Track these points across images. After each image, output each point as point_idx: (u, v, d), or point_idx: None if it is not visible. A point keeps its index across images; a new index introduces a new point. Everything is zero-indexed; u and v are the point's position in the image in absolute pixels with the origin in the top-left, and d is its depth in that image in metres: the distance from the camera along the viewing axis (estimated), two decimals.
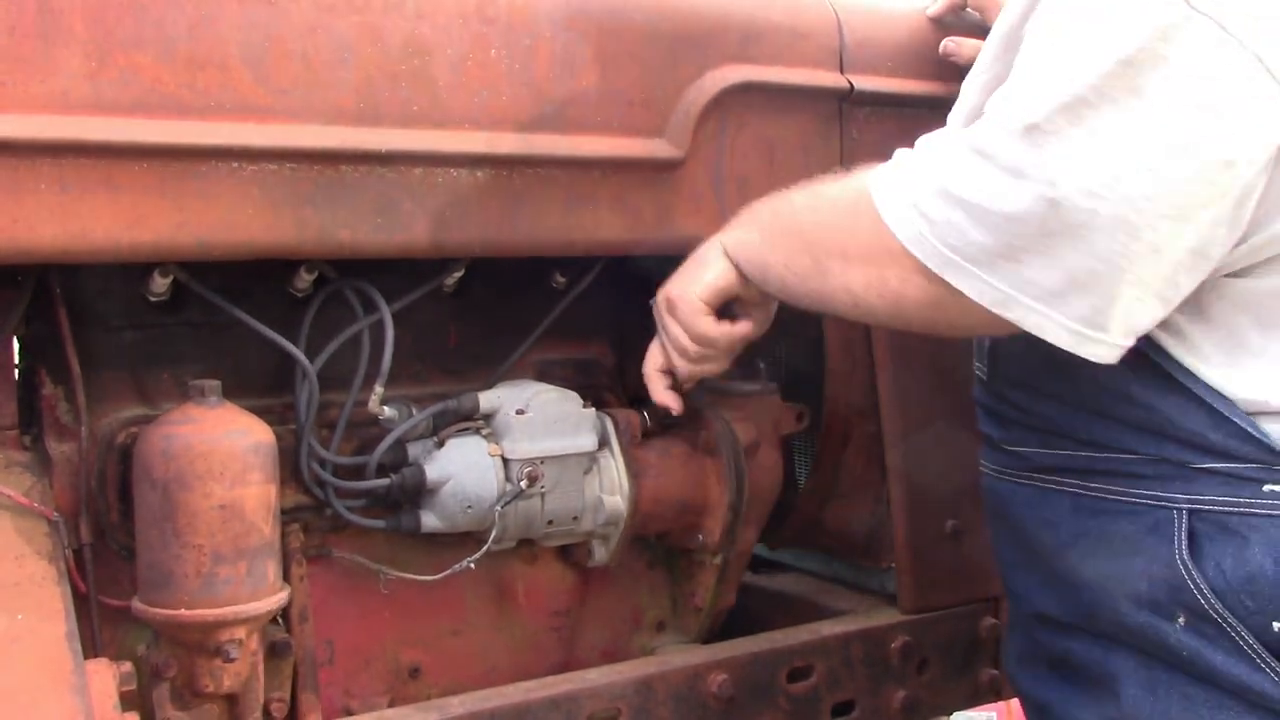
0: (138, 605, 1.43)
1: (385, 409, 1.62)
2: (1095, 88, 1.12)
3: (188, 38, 1.30)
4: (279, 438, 1.49)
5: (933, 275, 1.23)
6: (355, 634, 1.71)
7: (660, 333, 1.61)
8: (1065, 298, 1.18)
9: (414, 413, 1.66)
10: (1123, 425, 1.31)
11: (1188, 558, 1.24)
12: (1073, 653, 1.40)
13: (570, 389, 1.75)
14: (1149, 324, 1.21)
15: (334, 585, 1.69)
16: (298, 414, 1.60)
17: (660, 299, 1.58)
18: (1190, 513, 1.25)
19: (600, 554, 1.81)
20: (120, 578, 1.51)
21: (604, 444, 1.77)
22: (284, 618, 1.58)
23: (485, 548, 1.66)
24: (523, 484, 1.65)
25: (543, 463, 1.67)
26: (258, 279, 1.57)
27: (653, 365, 1.63)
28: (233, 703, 1.50)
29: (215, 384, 1.45)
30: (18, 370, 1.54)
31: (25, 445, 1.50)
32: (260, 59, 1.34)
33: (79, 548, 1.47)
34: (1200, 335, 1.25)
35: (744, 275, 1.50)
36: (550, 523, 1.71)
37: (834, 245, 1.34)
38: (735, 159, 1.65)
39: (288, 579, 1.56)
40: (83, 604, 1.43)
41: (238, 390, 1.53)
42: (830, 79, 1.72)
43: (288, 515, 1.60)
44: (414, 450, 1.66)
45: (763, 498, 1.91)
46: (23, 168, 1.23)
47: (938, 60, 1.81)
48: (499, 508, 1.64)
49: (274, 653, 1.56)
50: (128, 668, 1.32)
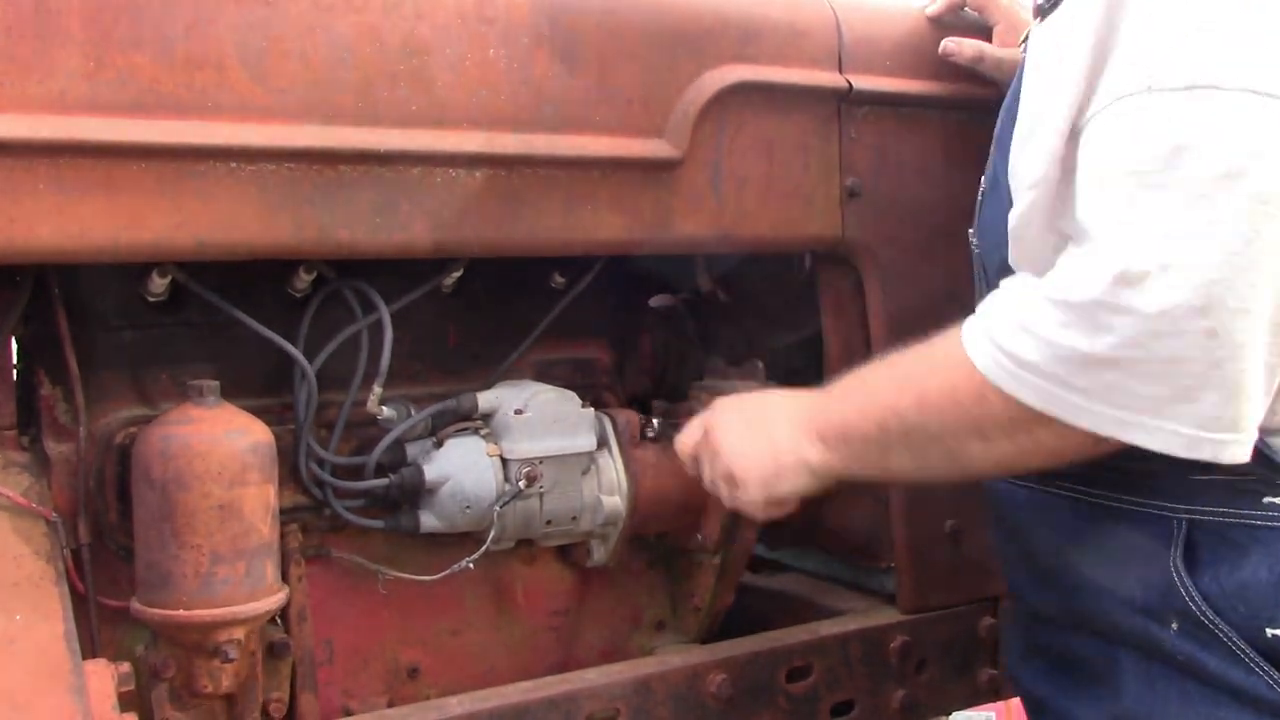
0: (136, 605, 1.43)
1: (384, 409, 1.62)
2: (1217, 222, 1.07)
3: (185, 38, 1.30)
4: (277, 438, 1.49)
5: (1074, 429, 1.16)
6: (354, 634, 1.71)
7: (704, 452, 1.54)
8: (1237, 422, 1.12)
9: (413, 413, 1.66)
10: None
11: (1181, 566, 1.24)
12: (1072, 649, 1.40)
13: (569, 389, 1.75)
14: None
15: (333, 585, 1.69)
16: (296, 414, 1.60)
17: (720, 460, 1.50)
18: (1190, 523, 1.25)
19: (599, 554, 1.81)
20: (119, 578, 1.51)
21: (603, 444, 1.77)
22: (283, 618, 1.58)
23: (484, 548, 1.66)
24: (521, 484, 1.65)
25: (541, 463, 1.67)
26: (256, 279, 1.56)
27: (687, 449, 1.58)
28: (231, 703, 1.50)
29: (214, 384, 1.45)
30: (16, 370, 1.55)
31: (23, 445, 1.50)
32: (258, 59, 1.34)
33: (77, 548, 1.47)
34: None
35: (825, 480, 1.45)
36: (549, 523, 1.71)
37: (966, 430, 1.24)
38: (734, 158, 1.65)
39: (286, 579, 1.56)
40: (81, 604, 1.43)
41: (236, 390, 1.53)
42: (829, 78, 1.72)
43: (286, 515, 1.60)
44: (413, 450, 1.66)
45: None
46: (20, 168, 1.23)
47: (937, 60, 1.80)
48: (498, 508, 1.64)
49: (272, 653, 1.56)
50: (126, 668, 1.32)
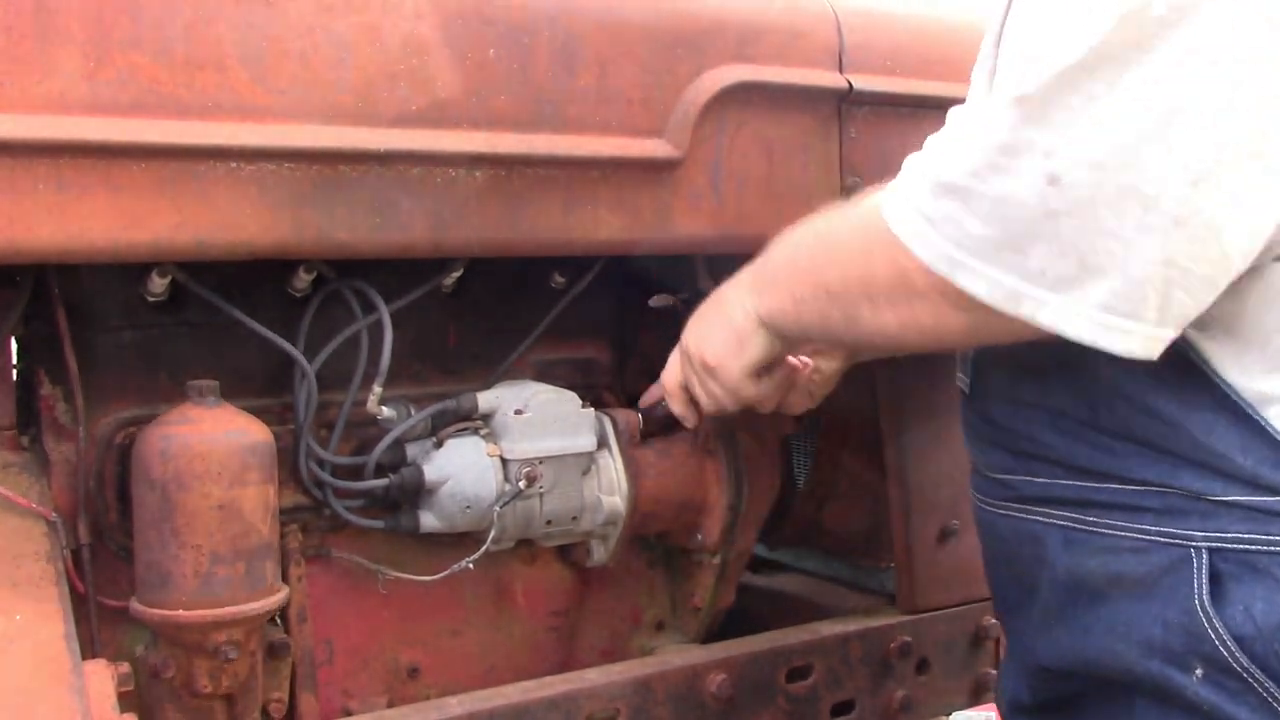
0: (136, 606, 1.43)
1: (384, 409, 1.62)
2: (1095, 49, 0.99)
3: (185, 38, 1.30)
4: (277, 438, 1.49)
5: (960, 299, 1.09)
6: (354, 634, 1.71)
7: (686, 368, 1.52)
8: (1080, 284, 1.03)
9: (412, 413, 1.66)
10: (1128, 445, 1.17)
11: (1208, 602, 1.10)
12: (1075, 700, 1.28)
13: (569, 389, 1.75)
14: (1196, 309, 1.05)
15: (332, 585, 1.69)
16: (296, 414, 1.60)
17: (694, 357, 1.48)
18: (1211, 551, 1.11)
19: (599, 554, 1.81)
20: (118, 578, 1.51)
21: (603, 444, 1.77)
22: (282, 618, 1.59)
23: (484, 548, 1.65)
24: (521, 484, 1.65)
25: (541, 463, 1.67)
26: (256, 279, 1.57)
27: (673, 380, 1.56)
28: (231, 703, 1.50)
29: (213, 384, 1.45)
30: (16, 370, 1.55)
31: (23, 445, 1.50)
32: (258, 59, 1.34)
33: (77, 548, 1.47)
34: (1239, 334, 1.10)
35: (787, 339, 1.41)
36: (549, 523, 1.71)
37: (857, 289, 1.20)
38: (734, 158, 1.65)
39: (286, 579, 1.56)
40: (81, 604, 1.43)
41: (236, 390, 1.53)
42: (829, 78, 1.72)
43: (286, 515, 1.60)
44: (412, 450, 1.66)
45: (762, 498, 1.91)
46: (20, 168, 1.23)
47: (937, 60, 1.80)
48: (497, 508, 1.64)
49: (272, 653, 1.56)
50: (126, 668, 1.32)
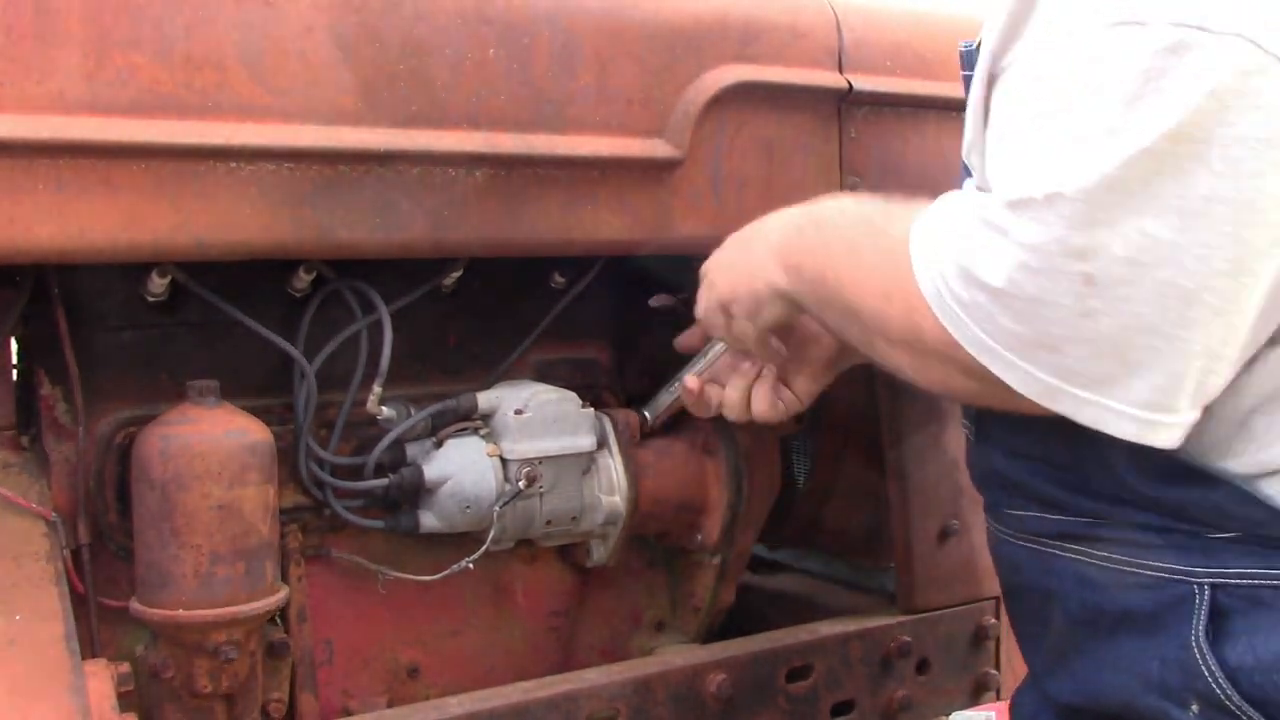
0: (136, 606, 1.43)
1: (384, 409, 1.62)
2: (1132, 159, 0.96)
3: (185, 38, 1.30)
4: (277, 438, 1.49)
5: (974, 368, 1.07)
6: (354, 634, 1.71)
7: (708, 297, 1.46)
8: (1121, 381, 1.02)
9: (412, 413, 1.66)
10: (1124, 504, 1.17)
11: (1203, 640, 1.10)
12: None
13: (569, 389, 1.75)
14: (1221, 387, 1.05)
15: (332, 585, 1.69)
16: (296, 414, 1.60)
17: (715, 302, 1.44)
18: (1214, 588, 1.10)
19: (599, 554, 1.81)
20: (118, 578, 1.51)
21: (603, 444, 1.76)
22: (282, 618, 1.59)
23: (484, 548, 1.65)
24: (521, 484, 1.65)
25: (541, 463, 1.67)
26: (256, 279, 1.56)
27: (702, 306, 1.49)
28: (231, 703, 1.50)
29: (213, 384, 1.46)
30: (16, 370, 1.54)
31: (23, 445, 1.50)
32: (258, 59, 1.34)
33: (77, 548, 1.47)
34: (1222, 421, 1.09)
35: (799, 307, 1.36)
36: (549, 523, 1.71)
37: (873, 325, 1.18)
38: (734, 158, 1.65)
39: (286, 579, 1.56)
40: (81, 604, 1.43)
41: (236, 390, 1.53)
42: (829, 78, 1.72)
43: (286, 515, 1.60)
44: (412, 450, 1.66)
45: (762, 498, 1.91)
46: (20, 168, 1.23)
47: (937, 60, 1.80)
48: (497, 508, 1.64)
49: (272, 653, 1.56)
50: (125, 668, 1.32)
